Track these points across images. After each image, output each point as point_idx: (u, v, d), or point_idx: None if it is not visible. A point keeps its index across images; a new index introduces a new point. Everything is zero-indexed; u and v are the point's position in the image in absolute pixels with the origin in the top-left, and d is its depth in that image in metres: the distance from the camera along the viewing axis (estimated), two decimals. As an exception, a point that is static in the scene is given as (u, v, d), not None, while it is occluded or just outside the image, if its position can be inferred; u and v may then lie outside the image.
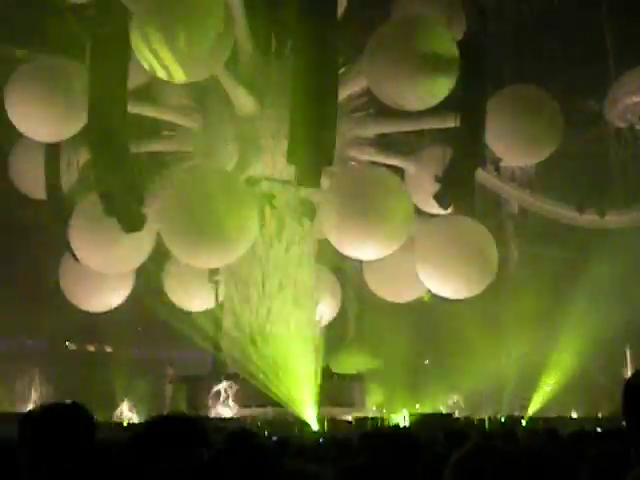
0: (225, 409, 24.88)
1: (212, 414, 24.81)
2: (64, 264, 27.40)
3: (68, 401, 3.86)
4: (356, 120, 28.34)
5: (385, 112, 27.68)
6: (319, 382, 25.99)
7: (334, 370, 27.87)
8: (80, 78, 24.93)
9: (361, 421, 25.81)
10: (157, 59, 23.15)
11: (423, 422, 25.11)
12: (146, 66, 23.41)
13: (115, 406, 27.84)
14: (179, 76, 23.56)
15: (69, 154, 26.43)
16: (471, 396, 34.30)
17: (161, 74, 23.47)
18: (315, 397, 25.64)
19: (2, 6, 26.97)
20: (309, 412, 25.12)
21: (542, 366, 32.83)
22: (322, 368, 27.22)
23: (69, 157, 26.46)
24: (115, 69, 24.18)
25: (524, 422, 27.10)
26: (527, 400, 32.22)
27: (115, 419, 27.84)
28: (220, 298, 27.51)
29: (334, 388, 27.00)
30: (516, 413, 30.70)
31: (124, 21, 23.92)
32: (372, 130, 29.20)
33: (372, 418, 27.09)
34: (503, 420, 27.39)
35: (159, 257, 26.99)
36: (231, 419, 24.23)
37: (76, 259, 26.00)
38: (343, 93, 26.35)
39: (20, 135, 26.22)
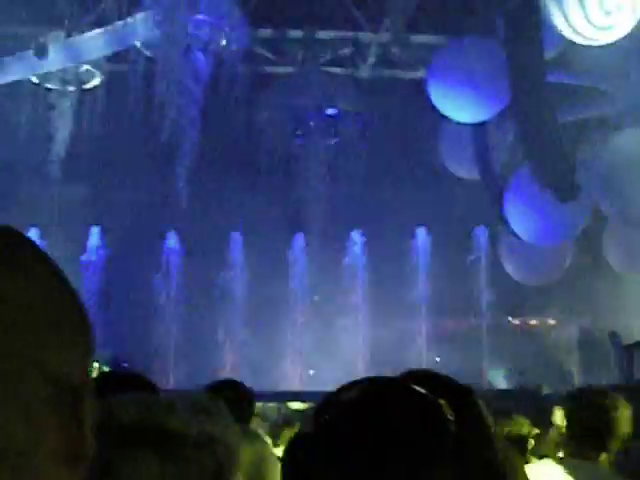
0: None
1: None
2: (500, 239, 27.88)
3: None
4: None
5: None
6: None
7: None
8: (497, 55, 25.16)
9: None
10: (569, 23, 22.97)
11: None
12: (562, 31, 23.20)
13: (566, 377, 27.83)
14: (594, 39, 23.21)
15: (496, 131, 26.80)
16: None
17: (576, 38, 23.22)
18: None
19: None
20: None
21: None
22: None
23: (496, 134, 26.83)
24: (530, 41, 24.18)
25: None
26: None
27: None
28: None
29: None
30: None
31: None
32: None
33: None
34: None
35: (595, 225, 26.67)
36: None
37: (514, 234, 26.31)
38: None
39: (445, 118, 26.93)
